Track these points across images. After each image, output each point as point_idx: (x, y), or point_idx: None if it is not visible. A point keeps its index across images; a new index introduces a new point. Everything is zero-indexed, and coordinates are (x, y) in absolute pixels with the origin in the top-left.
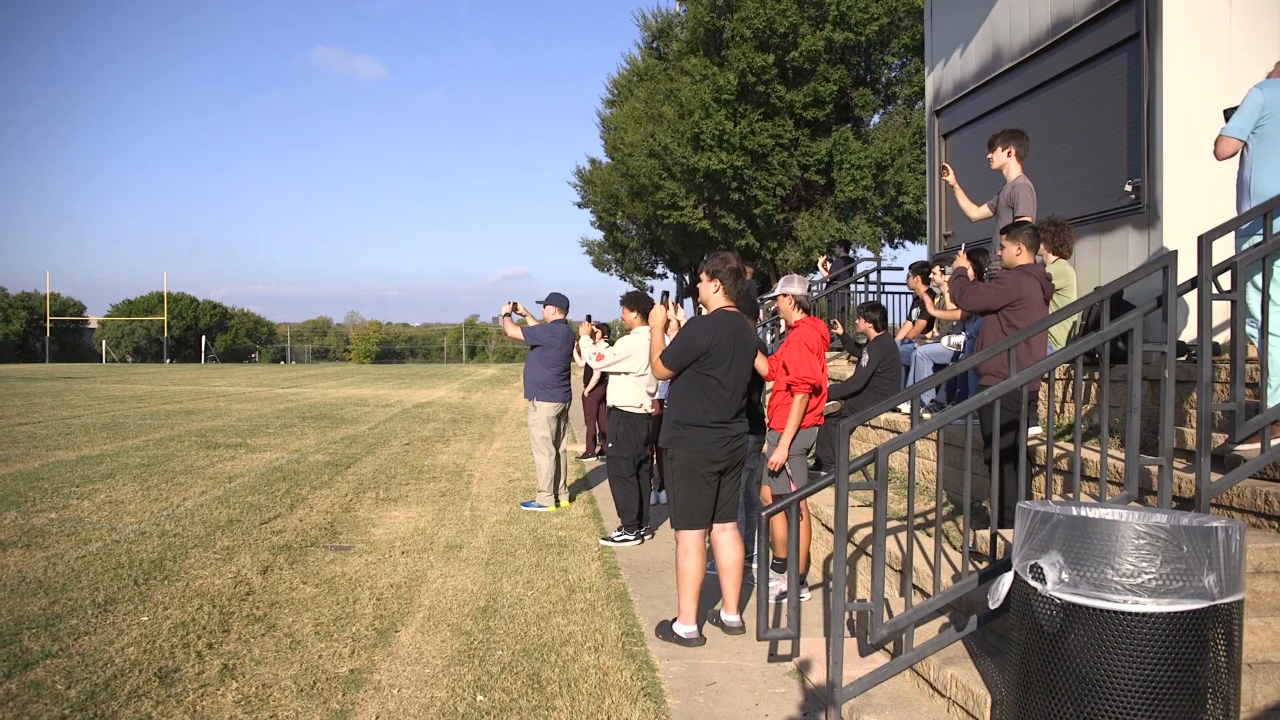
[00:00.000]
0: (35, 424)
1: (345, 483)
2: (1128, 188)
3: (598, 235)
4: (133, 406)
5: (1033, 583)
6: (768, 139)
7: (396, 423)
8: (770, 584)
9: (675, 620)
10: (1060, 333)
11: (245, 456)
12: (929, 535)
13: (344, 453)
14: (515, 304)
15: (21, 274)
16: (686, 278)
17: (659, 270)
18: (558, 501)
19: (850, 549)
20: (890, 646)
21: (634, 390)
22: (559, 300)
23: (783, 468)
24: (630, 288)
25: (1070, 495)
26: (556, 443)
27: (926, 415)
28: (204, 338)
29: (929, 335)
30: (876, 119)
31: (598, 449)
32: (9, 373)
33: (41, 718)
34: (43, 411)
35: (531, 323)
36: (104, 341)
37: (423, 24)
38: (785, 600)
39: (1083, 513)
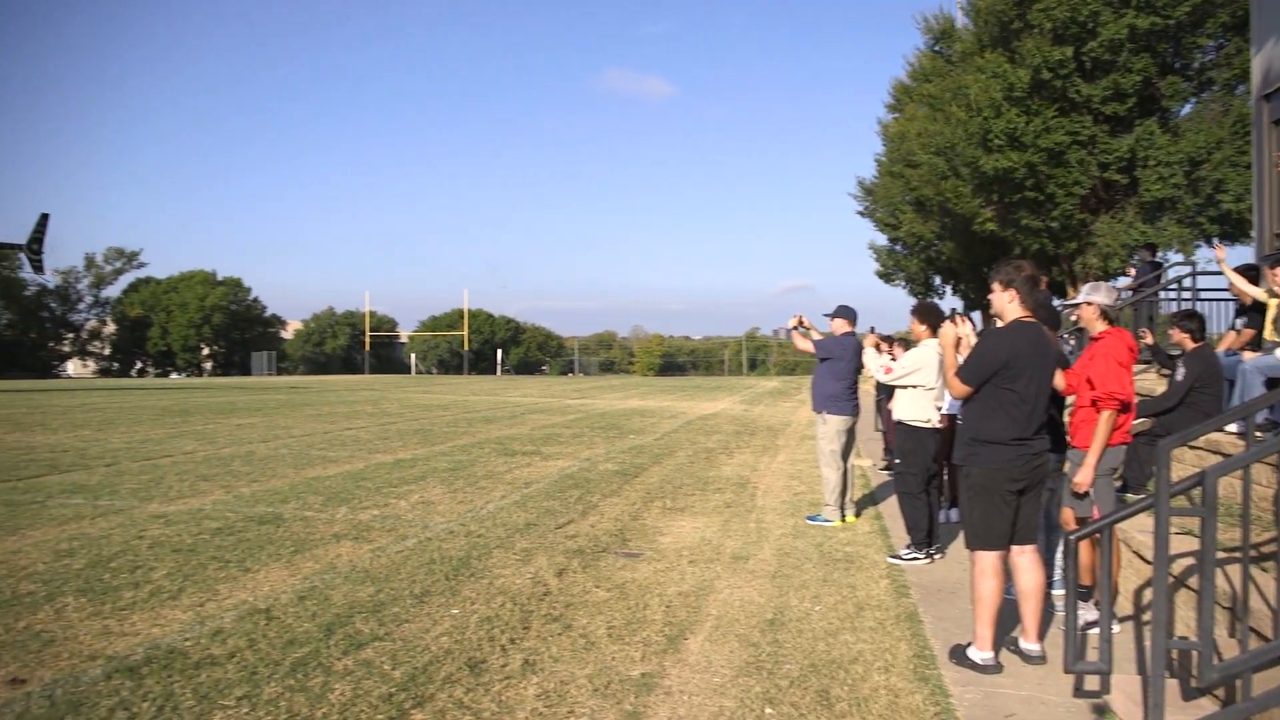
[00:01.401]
0: (359, 429)
1: (634, 491)
2: None
3: (884, 242)
4: (439, 415)
5: None
6: (1064, 136)
7: (681, 434)
8: (1077, 612)
9: (970, 645)
10: None
11: (540, 464)
12: (1264, 570)
13: (631, 462)
14: (801, 318)
15: (346, 295)
16: (970, 293)
17: (938, 285)
18: (844, 516)
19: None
20: (1220, 693)
21: (922, 404)
22: (847, 312)
23: (1088, 490)
24: (915, 300)
25: None
26: (844, 456)
27: (1260, 436)
28: (499, 351)
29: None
30: (1187, 109)
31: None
32: (336, 384)
33: (373, 693)
34: (364, 418)
35: (817, 336)
36: (413, 355)
37: (706, 43)
38: (1092, 631)
39: None
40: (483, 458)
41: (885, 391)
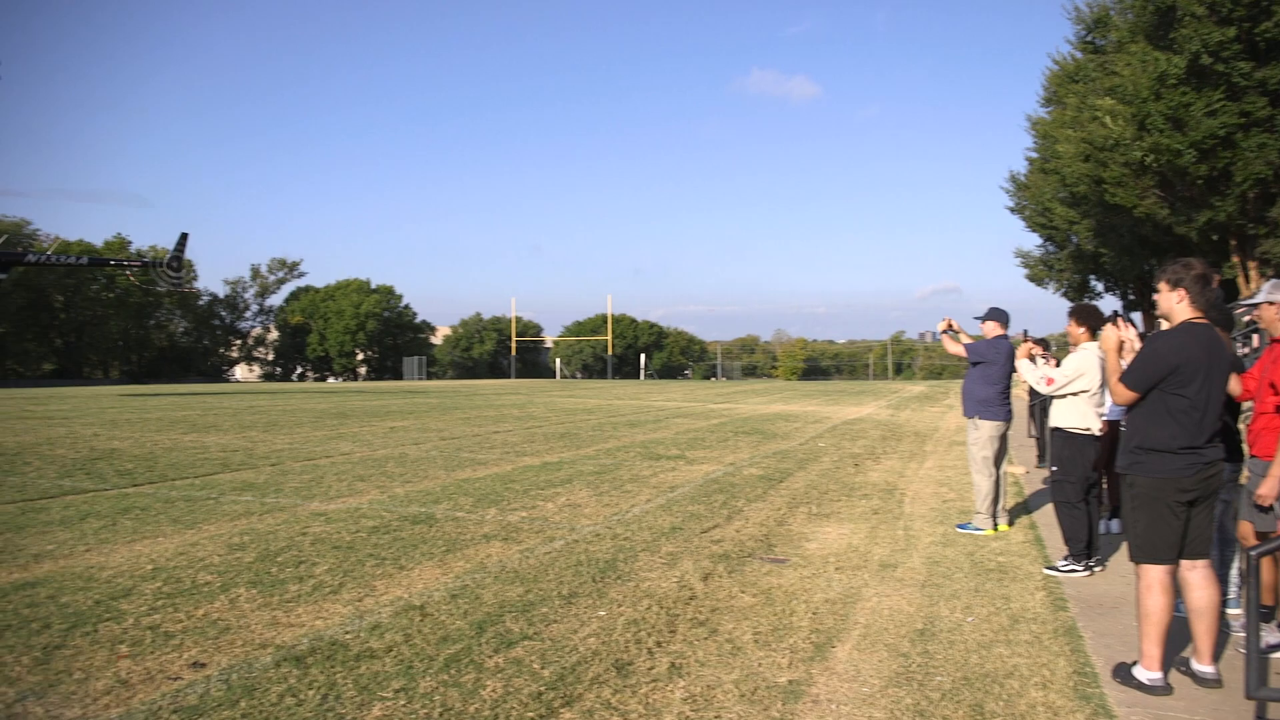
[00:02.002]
0: (506, 433)
1: (778, 496)
2: None
3: (1035, 242)
4: (584, 419)
5: None
6: (1234, 118)
7: (826, 439)
8: (1260, 634)
9: (1136, 664)
10: None
11: (684, 468)
12: None
13: (776, 467)
14: (950, 321)
15: (493, 301)
16: (1130, 293)
17: (1094, 286)
18: (996, 525)
19: None
20: None
21: (1082, 410)
22: (1000, 315)
23: (1273, 503)
24: (1068, 302)
25: None
26: (997, 463)
27: None
28: (642, 355)
29: None
30: None
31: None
32: (483, 388)
33: (523, 691)
34: (511, 422)
35: (966, 339)
36: (557, 359)
37: (849, 42)
38: (1275, 655)
39: None
40: (627, 461)
41: (1040, 396)
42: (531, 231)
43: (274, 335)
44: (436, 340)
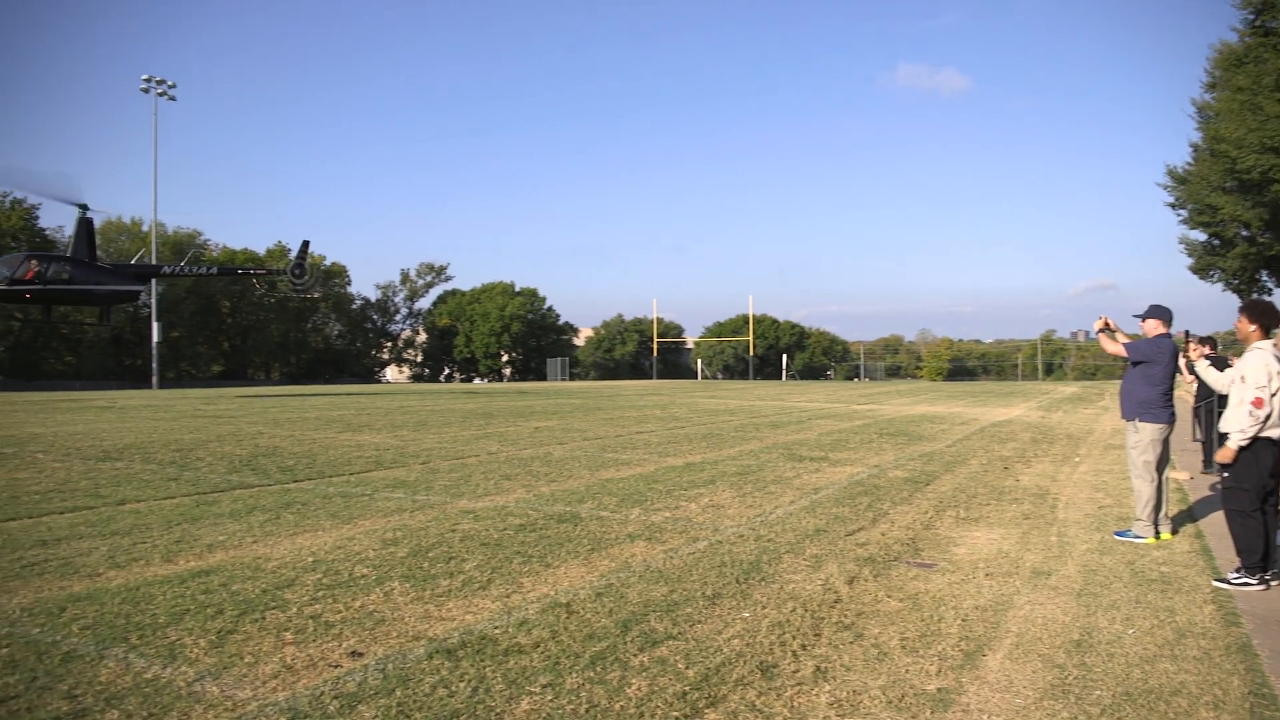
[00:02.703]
0: (649, 433)
1: (925, 500)
2: None
3: (1199, 236)
4: (726, 420)
5: None
6: None
7: (974, 441)
8: None
9: None
10: None
11: (828, 469)
12: None
13: (922, 469)
14: (1106, 319)
15: (635, 302)
16: None
17: (1265, 280)
18: (1158, 533)
19: None
20: None
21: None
22: (1162, 312)
23: None
24: (1236, 299)
25: None
26: (1159, 468)
27: None
28: (784, 356)
29: None
30: None
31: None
32: (625, 389)
33: (668, 690)
34: (653, 422)
35: (1124, 338)
36: (698, 360)
37: (998, 31)
38: None
39: None
40: (770, 463)
41: (1207, 397)
42: (674, 232)
43: (422, 337)
44: (579, 341)
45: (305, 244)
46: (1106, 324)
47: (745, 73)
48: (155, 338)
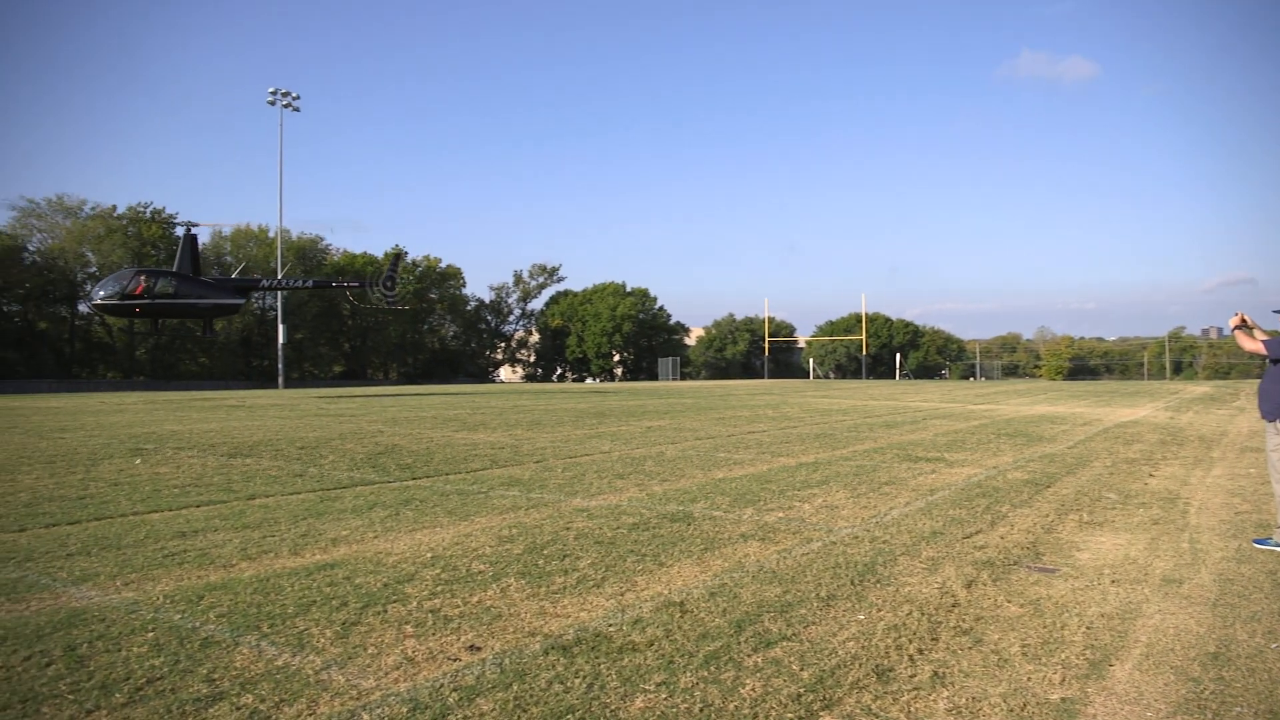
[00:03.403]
0: (761, 433)
1: (1045, 502)
2: None
3: None
4: (838, 419)
5: None
6: None
7: (1097, 442)
8: None
9: None
10: None
11: (944, 470)
12: None
13: (1043, 471)
14: (1243, 315)
15: (746, 301)
16: None
17: None
18: None
19: None
20: None
21: None
22: None
23: None
24: None
25: None
26: None
27: None
28: (897, 355)
29: None
30: None
31: None
32: (736, 388)
33: (782, 692)
34: (765, 422)
35: (1260, 335)
36: (810, 359)
37: (1124, 15)
38: None
39: None
40: (885, 463)
41: None
42: (786, 231)
43: (535, 338)
44: (690, 341)
45: (397, 256)
46: (1243, 320)
47: (859, 69)
48: (281, 339)
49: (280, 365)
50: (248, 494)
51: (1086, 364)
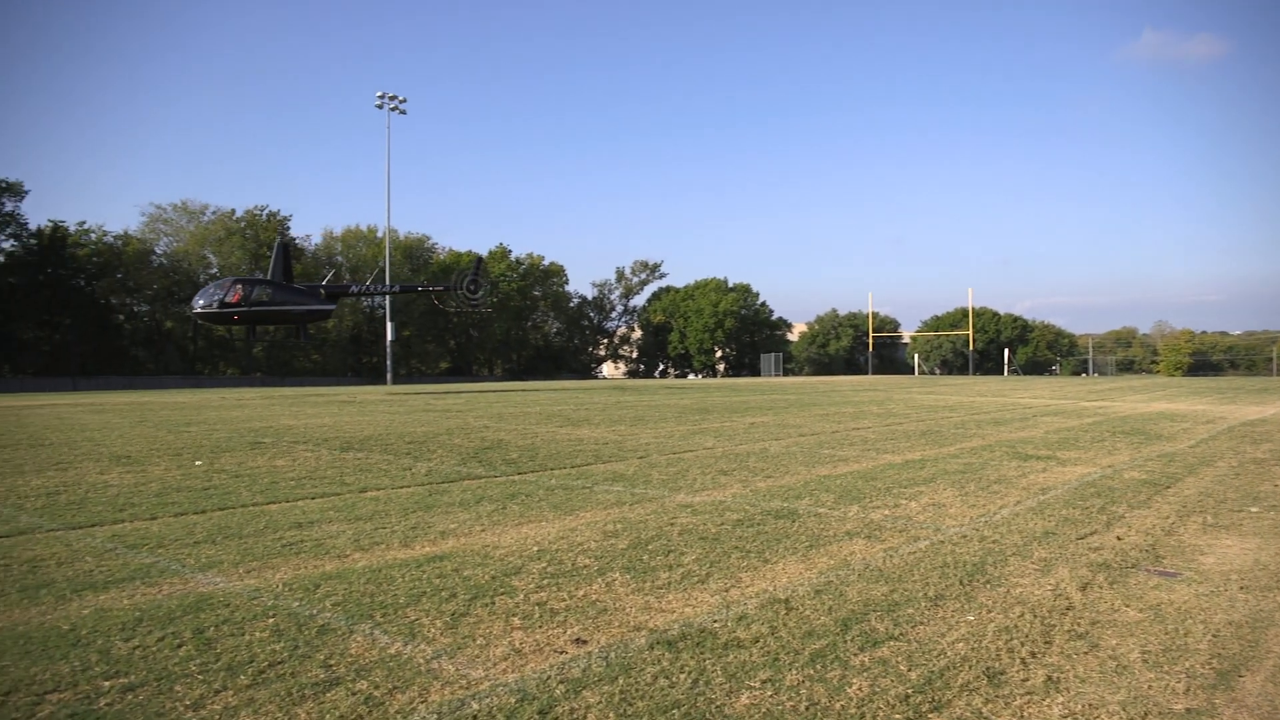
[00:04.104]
0: (866, 429)
1: (1165, 503)
2: None
3: None
4: (945, 416)
5: None
6: None
7: (1221, 441)
8: None
9: None
10: None
11: (1056, 469)
12: None
13: (1162, 471)
14: None
15: (849, 296)
16: None
17: None
18: None
19: None
20: None
21: None
22: None
23: None
24: None
25: None
26: None
27: None
28: (1005, 350)
29: None
30: None
31: None
32: (840, 384)
33: (889, 692)
34: (870, 419)
35: None
36: (915, 355)
37: None
38: None
39: None
40: (994, 461)
41: None
42: (892, 223)
43: (637, 334)
44: (792, 337)
45: (480, 260)
46: None
47: (972, 57)
48: (389, 337)
49: (388, 362)
50: (359, 487)
51: (1208, 359)
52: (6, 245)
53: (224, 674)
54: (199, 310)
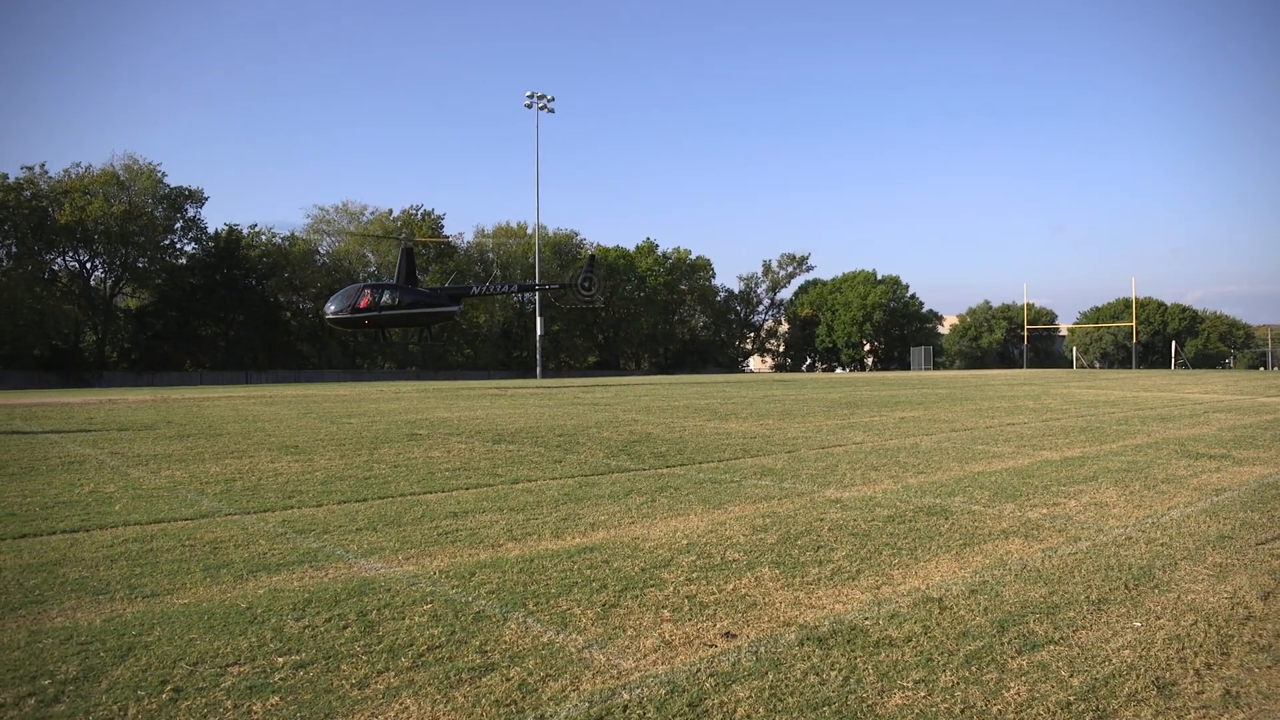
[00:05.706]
0: (1021, 425)
1: None
2: None
3: None
4: (1106, 411)
5: None
6: None
7: None
8: None
9: None
10: None
11: (1231, 469)
12: None
13: None
14: None
15: (1003, 288)
16: None
17: None
18: None
19: None
20: None
21: None
22: None
23: None
24: None
25: None
26: None
27: None
28: (1172, 343)
29: None
30: None
31: None
32: (993, 378)
33: (1049, 698)
34: (1026, 414)
35: None
36: (1073, 348)
37: None
38: None
39: None
40: (1160, 459)
41: None
42: (1050, 211)
43: (784, 327)
44: (943, 330)
45: (593, 258)
46: None
47: (1137, 35)
48: (539, 331)
49: (538, 356)
50: (512, 478)
51: None
52: (189, 248)
53: (386, 655)
54: (331, 316)
